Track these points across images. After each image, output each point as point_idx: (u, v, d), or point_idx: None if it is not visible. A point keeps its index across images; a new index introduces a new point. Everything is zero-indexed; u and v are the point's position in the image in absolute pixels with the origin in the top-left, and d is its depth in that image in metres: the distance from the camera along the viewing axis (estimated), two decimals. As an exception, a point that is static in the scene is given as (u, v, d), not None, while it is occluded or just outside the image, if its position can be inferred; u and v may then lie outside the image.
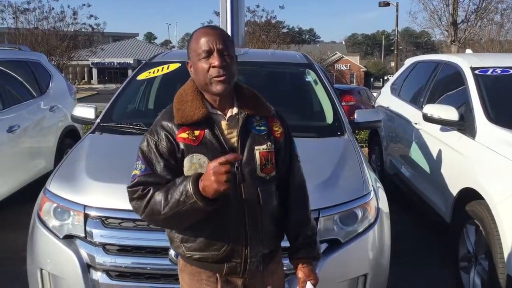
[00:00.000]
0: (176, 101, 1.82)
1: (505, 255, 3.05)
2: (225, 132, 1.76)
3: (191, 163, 1.71)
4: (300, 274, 1.89)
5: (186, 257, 1.81)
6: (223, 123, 1.77)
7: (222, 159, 1.54)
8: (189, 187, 1.59)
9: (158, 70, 4.14)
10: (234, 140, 1.76)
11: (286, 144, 1.86)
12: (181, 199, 1.60)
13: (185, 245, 1.79)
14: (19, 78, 5.79)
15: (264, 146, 1.77)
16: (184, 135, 1.73)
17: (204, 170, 1.63)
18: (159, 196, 1.65)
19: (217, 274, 1.81)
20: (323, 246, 2.51)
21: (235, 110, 1.78)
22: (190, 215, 1.64)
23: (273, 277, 1.93)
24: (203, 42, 1.71)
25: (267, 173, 1.78)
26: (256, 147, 1.76)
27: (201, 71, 1.72)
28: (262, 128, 1.80)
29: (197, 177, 1.60)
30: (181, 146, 1.72)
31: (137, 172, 1.74)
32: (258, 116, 1.81)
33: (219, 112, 1.78)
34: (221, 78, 1.71)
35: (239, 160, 1.67)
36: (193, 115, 1.74)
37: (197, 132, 1.73)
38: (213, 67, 1.70)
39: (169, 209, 1.63)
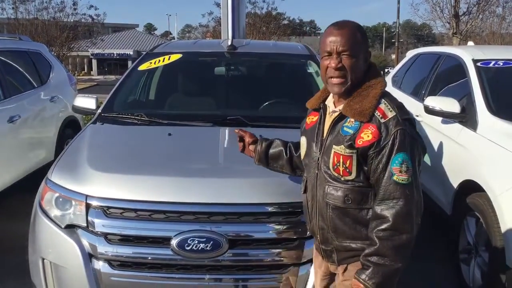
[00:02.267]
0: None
1: (506, 247, 3.06)
2: (326, 123, 1.92)
3: (300, 143, 2.09)
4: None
5: None
6: (328, 116, 1.93)
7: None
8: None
9: (159, 60, 4.12)
10: (325, 133, 1.90)
11: (381, 154, 1.75)
12: None
13: None
14: (19, 68, 5.77)
15: (339, 148, 1.82)
16: (308, 119, 2.06)
17: (303, 152, 2.04)
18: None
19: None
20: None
21: (341, 107, 1.87)
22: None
23: (350, 280, 1.88)
24: (327, 42, 1.83)
25: (339, 174, 1.82)
26: (334, 146, 1.84)
27: (322, 69, 1.87)
28: (350, 130, 1.81)
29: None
30: (304, 127, 2.07)
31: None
32: (352, 118, 1.81)
33: (331, 105, 1.94)
34: (336, 81, 1.82)
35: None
36: (312, 103, 2.04)
37: (314, 118, 2.01)
38: (330, 67, 1.82)
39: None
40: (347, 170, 1.80)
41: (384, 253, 1.73)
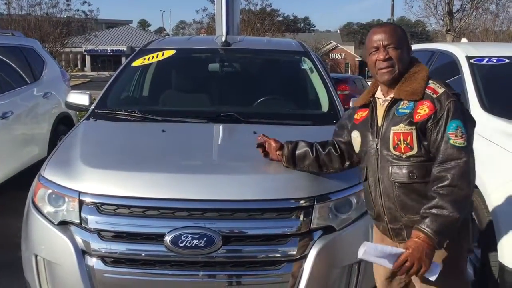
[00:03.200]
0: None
1: (498, 243, 3.07)
2: (379, 113, 2.12)
3: (352, 138, 2.28)
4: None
5: None
6: (379, 106, 2.14)
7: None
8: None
9: (153, 56, 4.11)
10: (380, 121, 2.10)
11: (438, 125, 1.95)
12: None
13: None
14: (12, 64, 5.73)
15: (398, 127, 2.01)
16: (356, 115, 2.26)
17: (357, 144, 2.24)
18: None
19: (379, 231, 2.25)
20: (317, 234, 2.52)
21: (391, 94, 2.08)
22: None
23: None
24: (373, 40, 2.08)
25: (400, 152, 2.01)
26: (392, 128, 2.03)
27: (370, 63, 2.11)
28: (405, 110, 2.03)
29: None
30: (353, 123, 2.27)
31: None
32: (407, 99, 2.03)
33: (381, 97, 2.15)
34: (385, 70, 2.05)
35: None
36: (361, 100, 2.24)
37: (364, 113, 2.21)
38: (378, 60, 2.06)
39: None
40: (409, 146, 1.99)
41: (442, 205, 1.88)
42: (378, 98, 2.17)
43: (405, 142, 1.99)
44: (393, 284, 2.32)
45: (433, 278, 1.90)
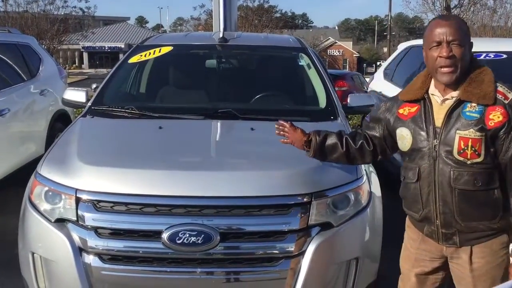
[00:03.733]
0: (412, 80, 2.12)
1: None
2: (436, 112, 1.98)
3: (399, 135, 2.10)
4: None
5: (404, 210, 2.21)
6: (437, 104, 1.99)
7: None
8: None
9: (150, 53, 4.09)
10: (440, 121, 1.95)
11: (511, 132, 1.87)
12: None
13: (402, 201, 2.20)
14: (8, 61, 5.70)
15: (467, 132, 1.88)
16: (401, 110, 2.09)
17: (407, 143, 2.05)
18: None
19: (420, 232, 2.14)
20: (315, 230, 2.52)
21: (454, 94, 1.95)
22: None
23: (483, 261, 1.99)
24: (435, 33, 1.91)
25: (466, 158, 1.89)
26: (458, 131, 1.90)
27: (430, 60, 1.94)
28: (474, 114, 1.90)
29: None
30: (398, 119, 2.10)
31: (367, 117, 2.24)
32: (476, 102, 1.90)
33: (437, 94, 1.99)
34: (446, 70, 1.90)
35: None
36: (410, 94, 2.07)
37: (412, 109, 2.05)
38: (440, 57, 1.90)
39: None
40: (476, 152, 1.88)
41: None
42: (433, 95, 2.02)
43: (473, 149, 1.88)
44: (427, 283, 2.23)
45: None
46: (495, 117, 1.86)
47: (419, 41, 6.45)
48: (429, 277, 2.19)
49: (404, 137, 2.08)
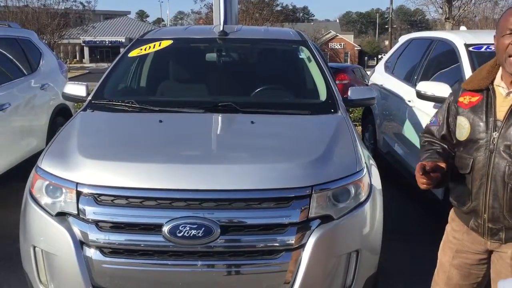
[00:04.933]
0: (476, 70, 2.06)
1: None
2: (499, 104, 1.90)
3: (458, 123, 2.02)
4: None
5: (450, 201, 2.16)
6: (501, 96, 1.91)
7: (418, 166, 1.91)
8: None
9: (150, 47, 4.09)
10: (503, 114, 1.88)
11: None
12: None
13: (450, 192, 2.14)
14: (9, 55, 5.69)
15: None
16: (462, 99, 2.01)
17: (464, 132, 1.98)
18: (420, 157, 2.13)
19: (465, 225, 2.09)
20: (315, 223, 2.52)
21: None
22: None
23: None
24: (510, 21, 1.82)
25: None
26: None
27: (500, 47, 1.86)
28: None
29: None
30: (458, 108, 2.02)
31: (428, 123, 2.22)
32: None
33: (503, 85, 1.92)
34: None
35: (419, 172, 1.90)
36: (475, 83, 1.98)
37: (473, 98, 1.97)
38: None
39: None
40: None
41: None
42: (498, 86, 1.94)
43: None
44: (470, 277, 2.15)
45: None
46: None
47: (420, 34, 6.44)
48: (471, 271, 2.12)
49: (462, 127, 2.00)
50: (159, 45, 4.07)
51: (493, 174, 1.91)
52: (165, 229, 2.39)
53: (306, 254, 2.47)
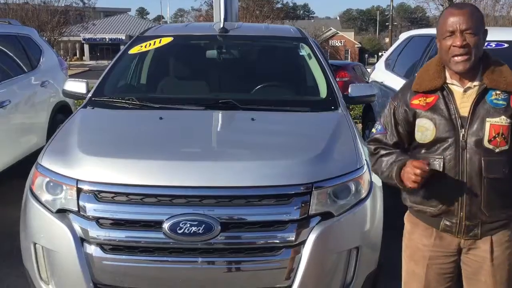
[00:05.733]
0: (420, 70, 2.05)
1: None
2: (459, 102, 1.94)
3: (418, 126, 1.99)
4: None
5: (408, 207, 2.12)
6: (459, 94, 1.95)
7: (416, 163, 1.82)
8: (394, 171, 1.95)
9: (150, 44, 4.08)
10: (466, 110, 1.92)
11: None
12: (389, 176, 1.99)
13: (409, 196, 2.08)
14: (9, 52, 5.68)
15: (497, 119, 1.88)
16: (416, 101, 2.00)
17: (429, 134, 1.95)
18: (381, 163, 2.04)
19: (434, 228, 2.04)
20: (316, 220, 2.52)
21: (476, 82, 1.92)
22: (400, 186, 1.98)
23: (501, 248, 1.98)
24: (448, 23, 1.88)
25: (495, 146, 1.89)
26: (488, 119, 1.88)
27: (443, 49, 1.91)
28: (500, 102, 1.90)
29: (403, 165, 1.92)
30: (414, 111, 1.99)
31: (374, 131, 2.13)
32: (500, 90, 1.90)
33: (456, 83, 1.96)
34: (461, 58, 1.87)
35: (425, 169, 1.81)
36: (427, 84, 1.98)
37: (429, 99, 1.98)
38: (454, 46, 1.87)
39: (383, 177, 2.05)
40: (505, 140, 1.88)
41: None
42: (452, 84, 1.96)
43: (503, 136, 1.88)
44: (443, 282, 2.11)
45: None
46: None
47: (421, 31, 6.42)
48: (447, 275, 2.09)
49: (426, 128, 1.98)
50: (160, 42, 4.07)
51: (467, 170, 1.91)
52: (166, 226, 2.39)
53: (306, 251, 2.47)
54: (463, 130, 1.91)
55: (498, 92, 1.90)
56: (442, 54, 1.94)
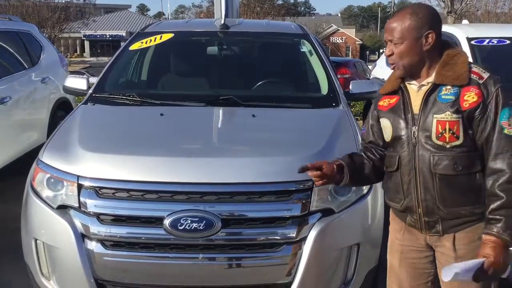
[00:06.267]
0: (391, 73, 2.09)
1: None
2: (413, 99, 1.97)
3: (382, 126, 2.08)
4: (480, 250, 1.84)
5: (386, 203, 2.18)
6: (414, 91, 1.97)
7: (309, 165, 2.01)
8: None
9: (151, 40, 4.07)
10: (418, 106, 1.94)
11: (486, 113, 1.84)
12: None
13: (384, 193, 2.18)
14: (9, 49, 5.68)
15: (443, 115, 1.87)
16: (381, 102, 2.08)
17: (388, 132, 2.04)
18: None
19: (403, 223, 2.09)
20: (316, 216, 2.52)
21: (429, 79, 1.93)
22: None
23: (467, 247, 1.93)
24: (384, 32, 1.98)
25: (444, 141, 1.87)
26: (435, 115, 1.88)
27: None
28: (449, 97, 1.88)
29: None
30: (378, 112, 2.09)
31: (362, 130, 2.26)
32: (450, 85, 1.88)
33: (413, 82, 1.98)
34: (392, 66, 1.97)
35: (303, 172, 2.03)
36: (389, 86, 2.05)
37: (391, 100, 2.04)
38: (386, 56, 1.98)
39: None
40: (455, 135, 1.86)
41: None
42: (410, 83, 1.99)
43: (451, 131, 1.85)
44: (421, 277, 2.11)
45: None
46: (470, 97, 1.84)
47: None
48: (420, 270, 2.10)
49: (385, 128, 2.06)
50: (160, 38, 4.06)
51: (419, 167, 1.93)
52: (166, 222, 2.39)
53: (307, 247, 2.47)
54: (414, 127, 1.94)
55: (448, 87, 1.88)
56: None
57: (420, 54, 1.91)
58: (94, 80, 3.84)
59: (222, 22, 4.19)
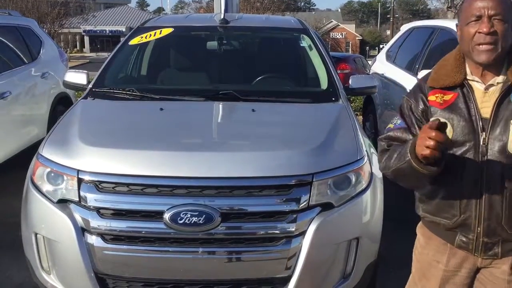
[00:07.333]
0: (437, 64, 1.82)
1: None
2: (479, 100, 1.70)
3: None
4: None
5: (421, 217, 1.89)
6: (480, 92, 1.70)
7: (430, 124, 1.50)
8: (408, 145, 1.62)
9: (150, 35, 4.07)
10: (487, 111, 1.68)
11: None
12: (401, 153, 1.66)
13: (421, 205, 1.85)
14: (9, 43, 5.68)
15: None
16: (433, 97, 1.75)
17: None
18: (393, 153, 1.73)
19: (448, 244, 1.80)
20: (316, 210, 2.53)
21: (499, 79, 1.68)
22: (411, 174, 1.64)
23: None
24: (474, 6, 1.65)
25: None
26: None
27: (466, 36, 1.67)
28: None
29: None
30: (429, 107, 1.75)
31: (391, 126, 1.83)
32: None
33: (477, 80, 1.72)
34: (485, 47, 1.63)
35: (439, 126, 1.49)
36: (445, 80, 1.74)
37: (447, 97, 1.73)
38: (479, 33, 1.63)
39: (393, 163, 1.71)
40: None
41: None
42: (473, 81, 1.72)
43: None
44: None
45: None
46: None
47: (422, 23, 6.40)
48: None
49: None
50: (160, 33, 4.06)
51: (487, 180, 1.67)
52: (166, 216, 2.40)
53: (306, 242, 2.48)
54: (484, 133, 1.67)
55: None
56: (464, 43, 1.69)
57: (510, 41, 1.67)
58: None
59: (222, 17, 4.19)
